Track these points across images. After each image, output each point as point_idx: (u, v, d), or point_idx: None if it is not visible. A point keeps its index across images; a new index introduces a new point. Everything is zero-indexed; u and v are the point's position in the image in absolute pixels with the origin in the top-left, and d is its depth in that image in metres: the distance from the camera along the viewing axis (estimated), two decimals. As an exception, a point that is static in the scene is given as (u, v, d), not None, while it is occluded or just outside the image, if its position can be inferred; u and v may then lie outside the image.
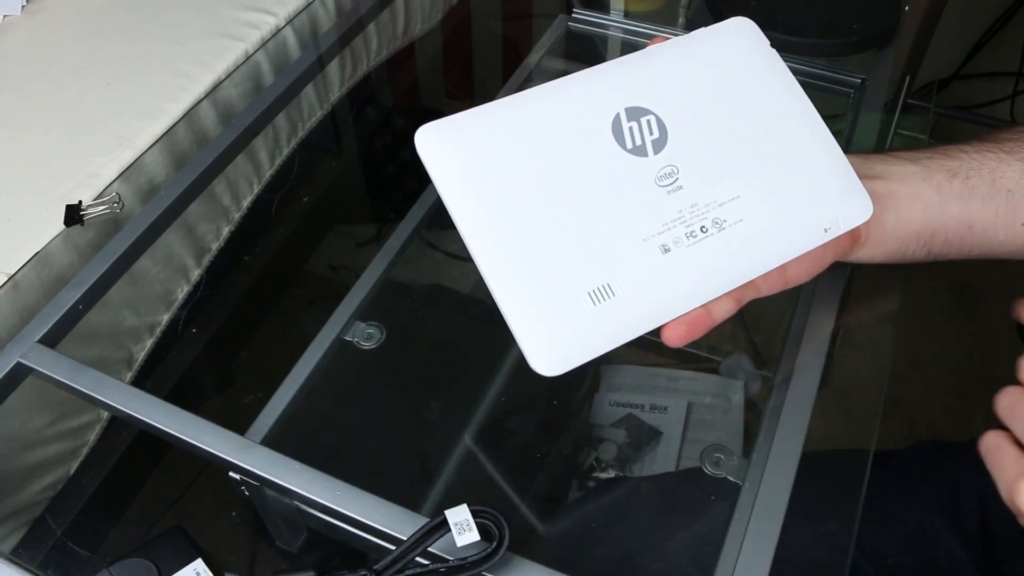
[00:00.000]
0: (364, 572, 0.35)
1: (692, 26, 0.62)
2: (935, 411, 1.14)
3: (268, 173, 0.74)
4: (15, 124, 0.62)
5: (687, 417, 0.76)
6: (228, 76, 0.67)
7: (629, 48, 0.73)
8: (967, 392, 1.14)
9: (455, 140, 0.34)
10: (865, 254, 0.43)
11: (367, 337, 0.56)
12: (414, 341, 0.68)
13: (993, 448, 0.35)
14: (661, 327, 0.35)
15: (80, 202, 0.56)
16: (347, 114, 0.86)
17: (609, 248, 0.34)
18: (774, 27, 0.67)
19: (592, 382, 0.79)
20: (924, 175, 0.42)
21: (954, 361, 1.19)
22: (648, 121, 0.36)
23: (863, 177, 0.39)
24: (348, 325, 0.55)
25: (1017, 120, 1.37)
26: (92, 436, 0.61)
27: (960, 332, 1.22)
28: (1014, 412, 0.35)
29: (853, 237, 0.41)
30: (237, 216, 0.71)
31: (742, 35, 0.39)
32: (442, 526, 0.36)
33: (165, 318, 0.65)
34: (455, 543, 0.35)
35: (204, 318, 0.69)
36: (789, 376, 0.44)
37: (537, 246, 0.33)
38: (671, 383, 0.80)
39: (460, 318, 0.78)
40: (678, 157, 0.36)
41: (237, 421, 0.45)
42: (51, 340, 0.47)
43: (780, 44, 0.40)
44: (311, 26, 0.76)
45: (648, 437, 0.74)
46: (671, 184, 0.35)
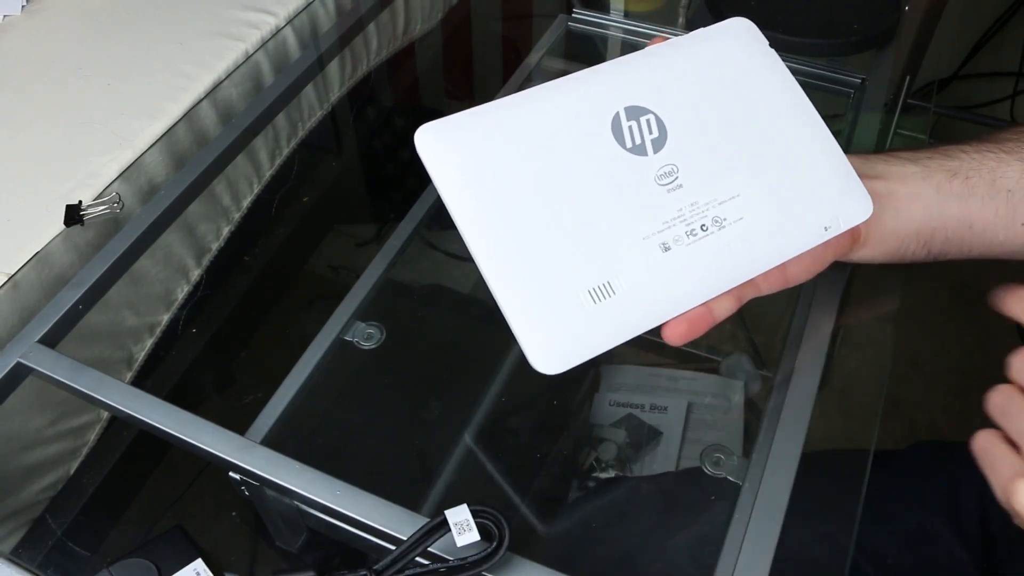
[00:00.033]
0: (364, 572, 0.35)
1: (692, 26, 0.62)
2: (935, 411, 1.14)
3: (268, 173, 0.74)
4: (15, 124, 0.62)
5: (687, 417, 0.76)
6: (228, 76, 0.67)
7: (629, 48, 0.73)
8: (967, 392, 1.14)
9: (455, 140, 0.34)
10: (865, 254, 0.43)
11: (367, 337, 0.56)
12: (414, 341, 0.68)
13: (986, 448, 0.35)
14: (662, 325, 0.35)
15: (80, 202, 0.56)
16: (347, 114, 0.86)
17: (609, 246, 0.34)
18: (774, 27, 0.67)
19: (592, 382, 0.79)
20: (924, 175, 0.42)
21: (954, 361, 1.19)
22: (647, 120, 0.36)
23: (863, 177, 0.39)
24: (348, 325, 0.55)
25: (1017, 120, 1.37)
26: (92, 436, 0.61)
27: (960, 332, 1.22)
28: (1006, 411, 0.35)
29: (853, 237, 0.41)
30: (237, 216, 0.71)
31: (742, 35, 0.39)
32: (442, 526, 0.36)
33: (165, 318, 0.65)
34: (455, 543, 0.35)
35: (204, 318, 0.69)
36: (789, 376, 0.44)
37: (537, 245, 0.33)
38: (671, 383, 0.80)
39: (460, 318, 0.78)
40: (678, 156, 0.36)
41: (237, 421, 0.45)
42: (51, 340, 0.47)
43: (780, 44, 0.40)
44: (311, 26, 0.76)
45: (648, 437, 0.74)
46: (671, 183, 0.35)
